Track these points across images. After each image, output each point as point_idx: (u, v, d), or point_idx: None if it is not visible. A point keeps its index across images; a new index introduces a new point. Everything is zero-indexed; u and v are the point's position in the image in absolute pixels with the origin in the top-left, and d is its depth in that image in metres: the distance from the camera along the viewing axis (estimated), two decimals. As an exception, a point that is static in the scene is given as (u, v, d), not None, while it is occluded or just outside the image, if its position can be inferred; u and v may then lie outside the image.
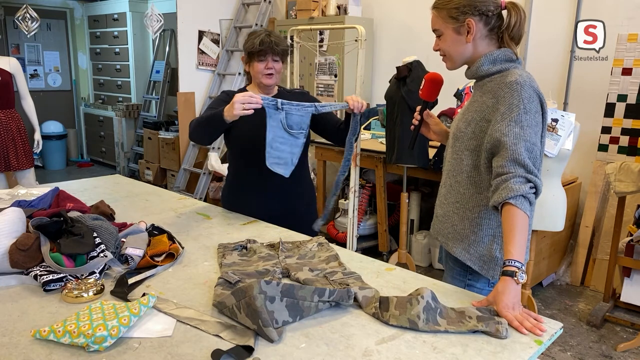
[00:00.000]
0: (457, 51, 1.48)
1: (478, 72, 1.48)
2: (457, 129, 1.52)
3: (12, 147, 3.85)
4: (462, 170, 1.50)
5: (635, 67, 3.28)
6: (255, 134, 1.97)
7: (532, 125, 1.36)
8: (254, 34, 2.02)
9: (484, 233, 1.48)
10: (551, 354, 2.72)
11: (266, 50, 1.96)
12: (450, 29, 1.47)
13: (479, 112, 1.45)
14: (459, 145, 1.51)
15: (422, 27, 4.41)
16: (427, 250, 3.96)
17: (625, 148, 3.36)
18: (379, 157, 3.74)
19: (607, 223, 3.46)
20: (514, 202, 1.29)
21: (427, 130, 1.72)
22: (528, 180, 1.32)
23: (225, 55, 5.51)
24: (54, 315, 1.20)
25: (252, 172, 2.05)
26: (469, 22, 1.43)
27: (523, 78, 1.38)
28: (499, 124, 1.36)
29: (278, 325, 1.13)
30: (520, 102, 1.35)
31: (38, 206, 1.80)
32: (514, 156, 1.32)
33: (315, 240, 1.68)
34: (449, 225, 1.56)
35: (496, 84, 1.42)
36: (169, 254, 1.54)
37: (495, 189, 1.34)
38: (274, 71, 2.01)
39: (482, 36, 1.45)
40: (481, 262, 1.49)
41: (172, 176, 5.80)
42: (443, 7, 1.47)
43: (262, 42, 1.96)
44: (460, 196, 1.52)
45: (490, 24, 1.44)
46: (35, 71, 7.38)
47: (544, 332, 1.15)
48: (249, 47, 1.99)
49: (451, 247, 1.54)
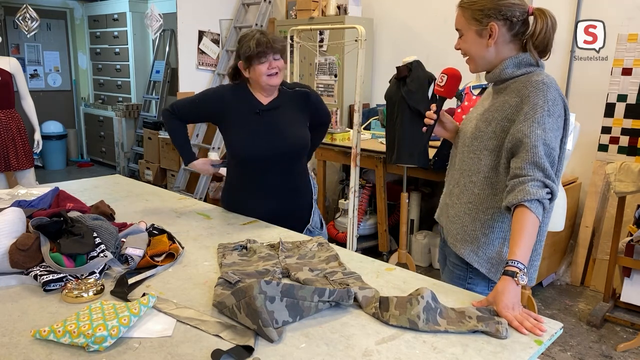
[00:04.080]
0: (478, 54, 1.45)
1: (502, 75, 1.44)
2: (476, 128, 1.48)
3: (12, 147, 3.85)
4: (480, 171, 1.47)
5: (635, 67, 3.28)
6: (253, 138, 1.97)
7: (554, 129, 1.33)
8: (245, 37, 1.93)
9: (495, 236, 1.46)
10: (551, 354, 2.72)
11: (265, 51, 1.88)
12: (473, 31, 1.43)
13: (500, 112, 1.42)
14: (477, 144, 1.47)
15: (422, 27, 4.42)
16: (427, 250, 3.96)
17: (625, 148, 3.36)
18: (379, 157, 3.73)
19: (607, 223, 3.46)
20: (528, 205, 1.27)
21: (442, 129, 1.65)
22: (545, 185, 1.30)
23: (225, 55, 5.51)
24: (54, 315, 1.20)
25: (251, 173, 2.04)
26: (492, 26, 1.39)
27: (549, 79, 1.36)
28: (522, 124, 1.34)
29: (278, 325, 1.13)
30: (545, 104, 1.33)
31: (38, 206, 1.80)
32: (534, 159, 1.30)
33: (315, 240, 1.68)
34: (459, 226, 1.53)
35: (521, 83, 1.39)
36: (169, 254, 1.54)
37: (511, 189, 1.32)
38: (278, 69, 1.94)
39: (506, 41, 1.42)
40: (489, 264, 1.48)
41: (172, 176, 5.80)
42: (468, 7, 1.43)
43: (258, 43, 1.87)
44: (474, 197, 1.49)
45: (515, 30, 1.41)
46: (35, 71, 7.38)
47: (544, 332, 1.15)
48: (246, 51, 1.89)
49: (459, 248, 1.52)
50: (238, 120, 2.00)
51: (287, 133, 1.99)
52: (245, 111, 1.99)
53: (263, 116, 1.99)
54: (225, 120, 2.03)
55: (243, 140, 1.98)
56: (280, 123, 1.99)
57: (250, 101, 2.00)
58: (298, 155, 2.06)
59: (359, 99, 3.21)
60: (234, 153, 2.04)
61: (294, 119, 2.03)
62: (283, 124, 2.00)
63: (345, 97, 4.67)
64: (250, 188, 2.05)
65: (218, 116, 2.04)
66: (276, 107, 2.01)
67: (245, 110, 1.99)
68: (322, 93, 4.78)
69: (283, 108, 2.02)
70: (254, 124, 1.98)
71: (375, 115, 4.45)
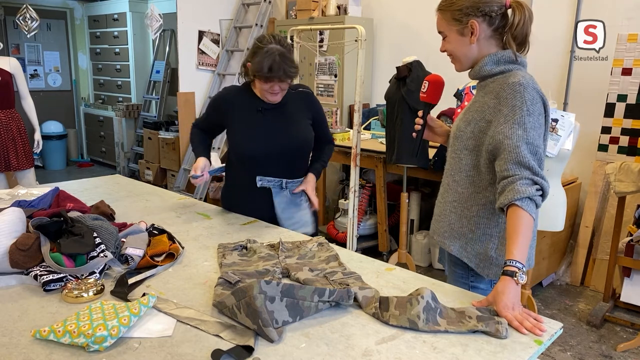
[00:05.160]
0: (463, 52, 1.48)
1: (480, 73, 1.47)
2: (457, 128, 1.52)
3: (12, 147, 3.85)
4: (461, 170, 1.50)
5: (635, 67, 3.28)
6: (254, 135, 1.97)
7: (536, 127, 1.35)
8: (264, 50, 1.82)
9: (482, 232, 1.48)
10: (551, 354, 2.72)
11: (273, 78, 1.83)
12: (454, 31, 1.46)
13: (479, 112, 1.45)
14: (458, 144, 1.51)
15: (422, 27, 4.42)
16: (427, 250, 3.96)
17: (625, 148, 3.36)
18: (379, 157, 3.74)
19: (607, 223, 3.46)
20: (520, 204, 1.28)
21: (432, 134, 1.69)
22: (534, 182, 1.31)
23: (225, 56, 5.51)
24: (54, 315, 1.20)
25: (250, 173, 2.04)
26: (472, 23, 1.42)
27: (526, 79, 1.37)
28: (502, 126, 1.36)
29: (278, 325, 1.13)
30: (523, 104, 1.34)
31: (38, 206, 1.80)
32: (518, 159, 1.31)
33: (315, 240, 1.68)
34: (445, 223, 1.56)
35: (498, 85, 1.42)
36: (169, 254, 1.54)
37: (502, 191, 1.34)
38: (279, 90, 1.90)
39: (487, 37, 1.44)
40: (478, 259, 1.49)
41: (172, 176, 5.80)
42: (447, 9, 1.46)
43: (271, 68, 1.79)
44: (458, 195, 1.52)
45: (495, 25, 1.43)
46: (36, 71, 7.38)
47: (543, 332, 1.15)
48: (257, 69, 1.82)
49: (448, 245, 1.54)
50: (240, 118, 2.00)
51: (288, 131, 1.99)
52: (247, 109, 1.99)
53: (265, 114, 1.98)
54: (229, 119, 2.03)
55: (244, 137, 1.98)
56: (281, 121, 1.99)
57: (252, 100, 2.00)
58: (300, 153, 2.05)
59: (359, 99, 3.21)
60: (235, 151, 2.04)
61: (296, 117, 2.02)
62: (285, 121, 1.99)
63: (345, 97, 4.67)
64: (249, 188, 2.04)
65: (225, 118, 2.05)
66: (278, 106, 2.00)
67: (247, 108, 2.00)
68: (322, 93, 4.78)
69: (285, 107, 2.01)
70: (255, 122, 1.98)
71: (375, 115, 4.46)
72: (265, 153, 1.96)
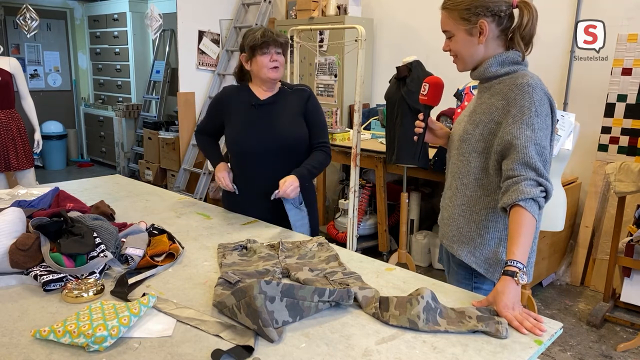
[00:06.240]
0: (469, 53, 1.45)
1: (485, 74, 1.45)
2: (464, 130, 1.49)
3: (12, 147, 3.85)
4: (470, 173, 1.48)
5: (635, 67, 3.28)
6: (247, 130, 1.99)
7: (543, 128, 1.34)
8: (251, 30, 2.02)
9: (491, 236, 1.47)
10: (551, 354, 2.72)
11: (269, 42, 1.96)
12: (462, 31, 1.43)
13: (487, 114, 1.43)
14: (465, 147, 1.48)
15: (422, 27, 4.42)
16: (427, 250, 3.96)
17: (625, 148, 3.36)
18: (379, 157, 3.73)
19: (607, 223, 3.46)
20: (523, 205, 1.28)
21: (433, 136, 1.67)
22: (539, 184, 1.31)
23: (225, 55, 5.51)
24: (54, 315, 1.20)
25: (249, 174, 2.04)
26: (481, 23, 1.39)
27: (534, 80, 1.37)
28: (510, 127, 1.35)
29: (278, 325, 1.13)
30: (532, 105, 1.34)
31: (38, 206, 1.81)
32: (525, 159, 1.31)
33: (315, 240, 1.68)
34: (454, 228, 1.54)
35: (506, 86, 1.40)
36: (169, 254, 1.54)
37: (505, 190, 1.33)
38: (279, 64, 2.00)
39: (494, 37, 1.43)
40: (487, 264, 1.48)
41: (172, 176, 5.80)
42: (454, 8, 1.43)
43: (263, 34, 1.96)
44: (467, 199, 1.50)
45: (503, 25, 1.41)
46: (36, 71, 7.38)
47: (543, 332, 1.15)
48: (251, 41, 1.97)
49: (456, 250, 1.53)
50: (235, 115, 2.05)
51: (281, 126, 2.01)
52: (243, 106, 2.05)
53: (259, 110, 2.03)
54: (226, 117, 2.08)
55: (238, 132, 2.02)
56: (275, 117, 2.03)
57: (248, 96, 2.06)
58: (293, 149, 2.04)
59: (359, 99, 3.21)
60: (229, 146, 2.08)
61: (289, 113, 2.05)
62: (278, 117, 2.03)
63: (345, 97, 4.67)
64: (249, 188, 2.04)
65: (224, 117, 2.09)
66: (273, 102, 2.04)
67: (242, 105, 2.05)
68: (322, 93, 4.78)
69: (280, 103, 2.05)
70: (249, 117, 2.03)
71: (375, 115, 4.45)
72: (257, 148, 1.99)
